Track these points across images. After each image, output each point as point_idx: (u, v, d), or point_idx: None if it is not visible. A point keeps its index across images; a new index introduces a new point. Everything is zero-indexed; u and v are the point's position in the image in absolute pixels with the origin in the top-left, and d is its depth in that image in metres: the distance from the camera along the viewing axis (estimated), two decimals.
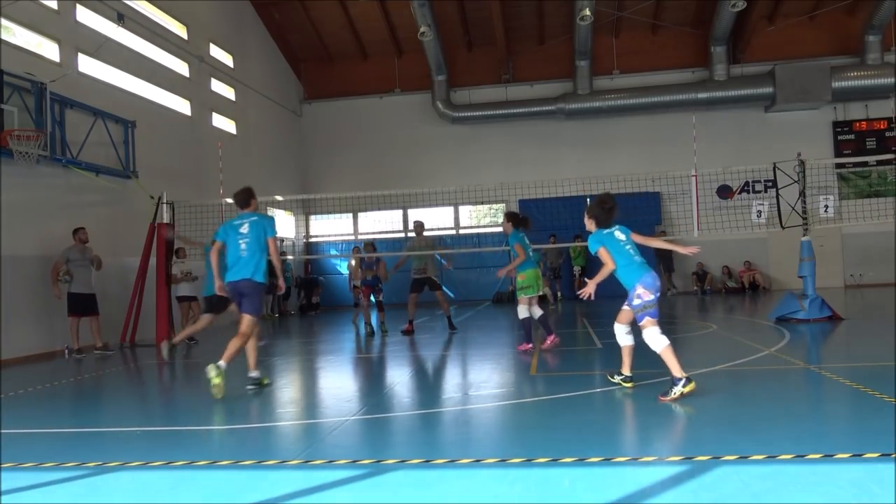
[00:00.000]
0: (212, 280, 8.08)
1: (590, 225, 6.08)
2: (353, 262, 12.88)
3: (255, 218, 7.02)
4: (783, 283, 18.76)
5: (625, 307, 5.89)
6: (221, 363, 6.56)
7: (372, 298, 12.40)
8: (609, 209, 5.97)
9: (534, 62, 21.29)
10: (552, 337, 8.82)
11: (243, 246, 6.88)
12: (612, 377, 6.15)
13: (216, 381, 6.38)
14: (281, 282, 7.35)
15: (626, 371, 6.01)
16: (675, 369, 5.41)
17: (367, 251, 12.60)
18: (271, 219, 7.23)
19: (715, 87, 19.93)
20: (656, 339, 5.57)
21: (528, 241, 8.95)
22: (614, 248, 5.83)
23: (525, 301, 8.70)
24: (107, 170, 12.18)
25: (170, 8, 15.30)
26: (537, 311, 8.87)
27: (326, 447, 4.47)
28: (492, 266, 18.45)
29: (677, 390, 5.30)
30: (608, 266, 5.77)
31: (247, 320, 6.92)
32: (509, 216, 9.18)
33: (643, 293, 5.68)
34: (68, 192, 11.58)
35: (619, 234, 5.91)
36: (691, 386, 5.31)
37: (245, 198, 7.19)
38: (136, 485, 3.87)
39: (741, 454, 3.71)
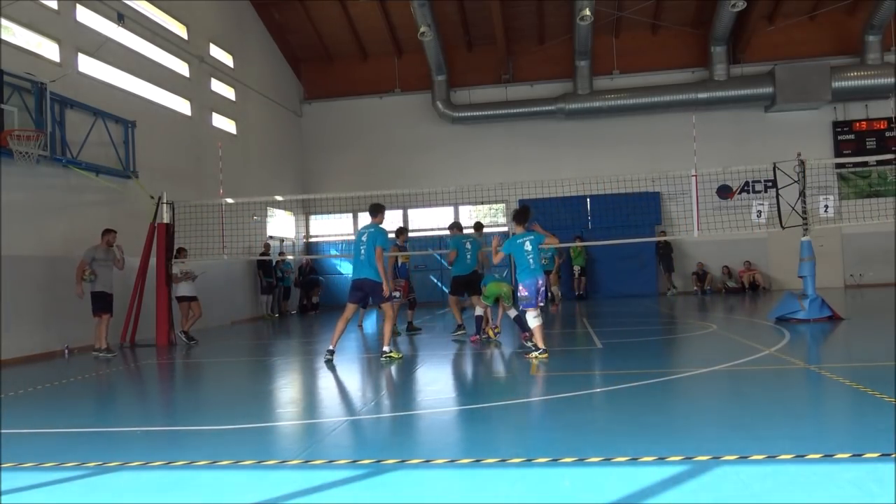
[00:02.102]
0: None
1: (516, 228, 8.42)
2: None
3: (373, 229, 8.57)
4: (783, 283, 18.76)
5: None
6: (386, 347, 8.41)
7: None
8: (523, 212, 8.37)
9: (534, 62, 21.28)
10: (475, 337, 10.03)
11: (362, 250, 8.49)
12: (529, 355, 7.91)
13: (395, 356, 8.36)
14: (385, 287, 8.55)
15: (540, 344, 7.93)
16: (540, 342, 7.89)
17: (401, 237, 12.27)
18: (384, 231, 8.72)
19: (715, 87, 19.93)
20: (532, 320, 8.02)
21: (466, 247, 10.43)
22: (518, 254, 8.16)
23: (480, 303, 9.98)
24: (107, 170, 12.18)
25: (170, 8, 15.30)
26: (512, 313, 9.67)
27: (326, 447, 4.47)
28: (492, 266, 18.41)
29: (536, 354, 7.78)
30: (496, 258, 8.48)
31: (386, 307, 8.63)
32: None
33: (521, 290, 8.08)
34: (68, 192, 11.58)
35: (528, 246, 8.15)
36: (545, 356, 7.77)
37: (374, 210, 8.78)
38: (136, 485, 3.86)
39: (741, 454, 3.71)
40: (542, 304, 8.17)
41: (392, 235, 10.58)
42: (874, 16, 18.64)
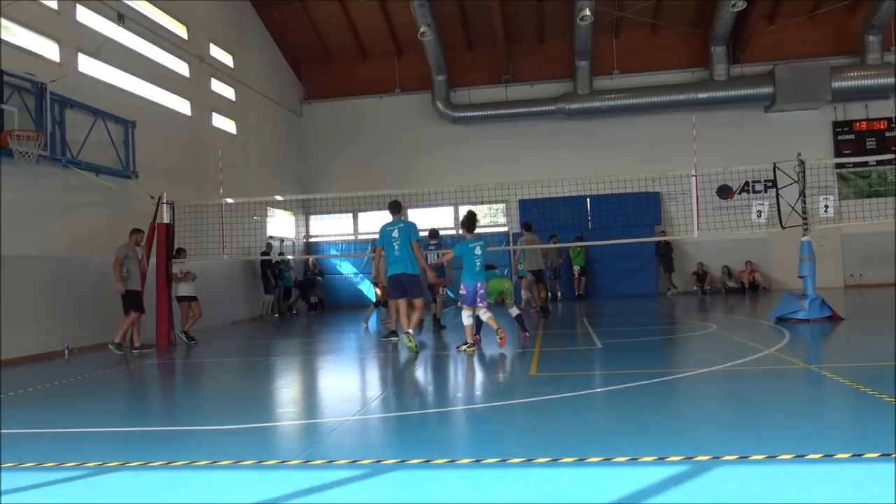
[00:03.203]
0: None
1: (464, 233, 8.91)
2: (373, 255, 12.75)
3: (402, 224, 8.92)
4: (783, 283, 18.77)
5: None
6: (410, 330, 8.77)
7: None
8: (470, 220, 8.90)
9: (534, 62, 21.28)
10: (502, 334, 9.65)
11: (396, 246, 8.79)
12: (459, 348, 8.64)
13: (410, 344, 8.71)
14: (430, 273, 9.49)
15: (469, 339, 8.68)
16: (469, 337, 8.62)
17: (432, 238, 12.47)
18: (414, 225, 9.08)
19: (715, 87, 19.92)
20: (464, 318, 8.72)
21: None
22: (467, 257, 8.66)
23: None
24: (107, 170, 12.17)
25: (170, 8, 15.30)
26: (514, 311, 9.84)
27: (326, 447, 4.47)
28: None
29: (464, 347, 8.53)
30: (448, 256, 9.55)
31: (418, 302, 9.05)
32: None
33: (462, 289, 8.72)
34: (68, 192, 11.57)
35: (478, 250, 8.70)
36: (473, 349, 8.50)
37: (396, 207, 9.17)
38: (136, 485, 3.86)
39: (741, 454, 3.71)
40: (482, 306, 8.78)
41: (424, 234, 11.14)
42: (874, 16, 18.64)
